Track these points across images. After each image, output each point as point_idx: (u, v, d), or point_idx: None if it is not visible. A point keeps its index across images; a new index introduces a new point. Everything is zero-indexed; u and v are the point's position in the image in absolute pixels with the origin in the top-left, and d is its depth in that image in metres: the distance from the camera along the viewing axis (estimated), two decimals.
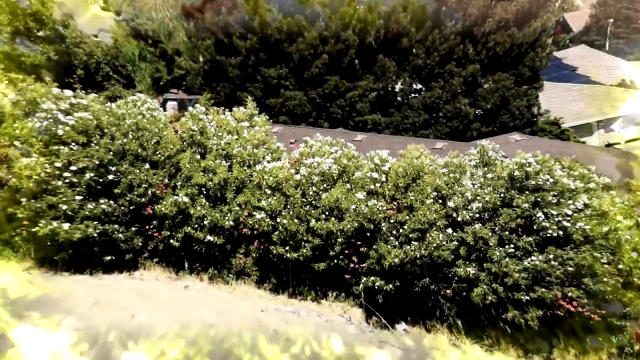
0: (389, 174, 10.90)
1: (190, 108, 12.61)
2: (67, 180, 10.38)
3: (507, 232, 9.85)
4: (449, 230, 10.13)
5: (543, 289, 9.64)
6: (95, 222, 10.54)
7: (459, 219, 10.13)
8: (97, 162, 10.51)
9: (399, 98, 26.36)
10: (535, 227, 9.81)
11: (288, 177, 10.84)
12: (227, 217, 10.92)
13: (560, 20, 47.12)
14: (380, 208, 10.36)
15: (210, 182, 11.07)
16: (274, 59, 25.69)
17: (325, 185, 10.86)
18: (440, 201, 10.37)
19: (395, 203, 10.63)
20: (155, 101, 13.06)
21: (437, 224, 10.06)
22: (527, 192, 9.89)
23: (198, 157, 11.65)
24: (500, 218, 9.89)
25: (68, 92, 11.39)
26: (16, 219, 10.38)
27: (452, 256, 10.03)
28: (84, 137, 10.75)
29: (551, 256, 9.62)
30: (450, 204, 10.24)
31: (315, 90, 25.48)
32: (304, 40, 24.59)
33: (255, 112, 13.05)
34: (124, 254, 11.30)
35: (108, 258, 11.06)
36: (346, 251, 10.68)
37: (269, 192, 10.81)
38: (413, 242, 10.05)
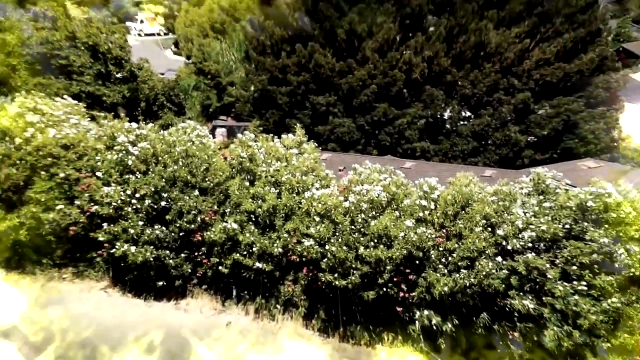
0: (438, 202, 10.64)
1: (239, 135, 12.64)
2: (134, 207, 10.85)
3: (576, 268, 9.06)
4: (499, 259, 9.73)
5: (626, 335, 8.71)
6: (152, 247, 10.87)
7: (509, 247, 9.71)
8: (152, 190, 10.71)
9: (447, 126, 25.83)
10: (617, 265, 8.98)
11: (337, 204, 10.59)
12: (276, 244, 10.80)
13: (621, 50, 45.32)
14: (430, 236, 10.10)
15: (259, 209, 10.93)
16: (324, 89, 25.91)
17: (374, 212, 10.59)
18: (490, 229, 10.05)
19: (445, 231, 10.39)
20: (205, 128, 13.26)
21: (487, 252, 9.63)
22: (606, 226, 9.10)
23: (247, 184, 11.57)
24: (564, 251, 9.18)
25: (134, 125, 11.83)
26: (98, 241, 11.11)
27: (504, 285, 9.59)
28: (145, 165, 11.08)
29: (634, 298, 8.72)
30: (500, 232, 9.88)
31: (364, 118, 25.33)
32: (353, 76, 24.76)
33: (305, 140, 12.94)
34: (175, 280, 11.55)
35: (160, 284, 11.42)
36: (395, 279, 10.36)
37: (317, 219, 10.54)
38: (462, 271, 9.60)
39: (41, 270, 11.55)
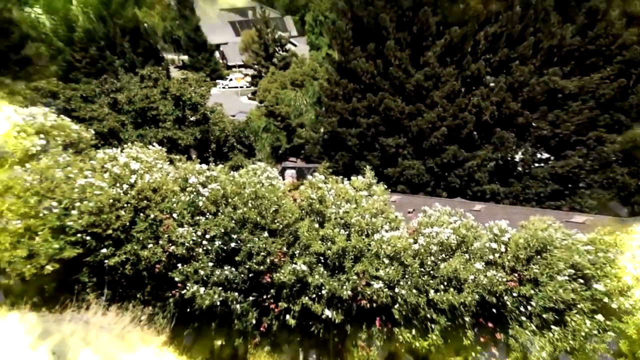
0: (509, 245, 9.91)
1: (309, 176, 12.54)
2: (204, 248, 10.71)
3: None
4: (599, 317, 8.57)
5: None
6: (220, 289, 10.55)
7: (614, 306, 8.57)
8: (222, 231, 10.79)
9: (519, 168, 24.61)
10: None
11: (406, 246, 10.20)
12: (345, 286, 10.24)
13: None
14: (500, 279, 9.32)
15: (328, 251, 10.71)
16: (393, 131, 25.69)
17: (443, 255, 10.10)
18: (582, 281, 8.99)
19: (516, 274, 9.57)
20: (274, 170, 13.20)
21: (579, 306, 8.69)
22: None
23: (316, 225, 11.44)
24: None
25: (204, 166, 12.15)
26: (173, 281, 10.94)
27: (611, 351, 8.42)
28: (215, 207, 11.19)
29: None
30: (599, 286, 8.75)
31: (434, 160, 24.74)
32: (423, 118, 24.59)
33: (374, 181, 12.71)
34: (237, 337, 10.96)
35: (219, 343, 10.98)
36: (481, 338, 9.49)
37: (387, 261, 10.23)
38: (553, 327, 8.71)
39: (133, 305, 11.51)
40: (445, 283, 9.59)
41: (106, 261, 9.42)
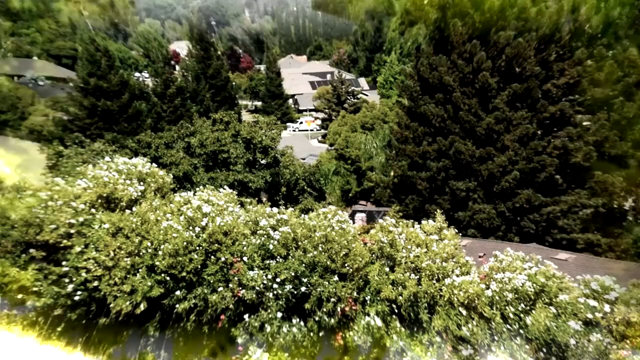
0: (616, 306, 8.51)
1: (379, 220, 12.27)
2: (274, 292, 10.26)
3: None
4: None
5: None
6: (286, 355, 9.70)
7: None
8: (293, 274, 10.57)
9: (629, 217, 22.41)
10: None
11: (478, 292, 9.43)
12: (429, 352, 9.23)
13: None
14: (609, 346, 8.06)
15: (400, 297, 10.16)
16: (463, 174, 24.88)
17: (522, 305, 9.21)
18: None
19: (628, 342, 8.18)
20: (345, 213, 13.03)
21: None
22: None
23: (387, 269, 11.01)
24: None
25: (275, 209, 12.11)
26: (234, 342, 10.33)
27: None
28: (285, 250, 11.06)
29: None
30: None
31: (505, 204, 23.58)
32: (493, 162, 23.65)
33: (444, 225, 12.16)
34: None
35: None
36: None
37: (463, 311, 9.46)
38: None
39: None
40: (545, 350, 8.50)
41: (177, 306, 9.42)
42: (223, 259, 10.37)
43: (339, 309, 10.09)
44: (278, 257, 10.66)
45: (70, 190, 8.23)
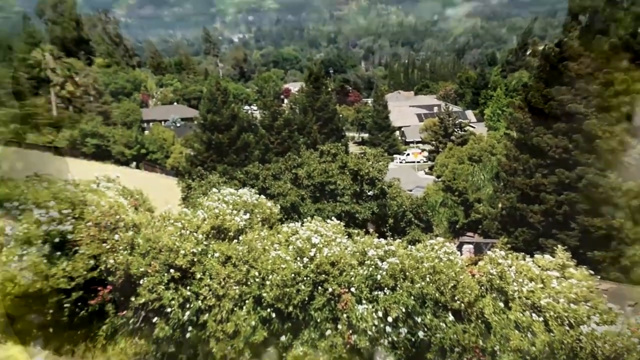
0: None
1: (488, 252, 11.27)
2: (389, 338, 9.27)
3: None
4: None
5: None
6: None
7: None
8: (403, 310, 9.73)
9: None
10: None
11: (629, 346, 7.99)
12: None
13: None
14: None
15: (532, 348, 8.79)
16: (598, 209, 22.12)
17: None
18: None
19: None
20: (452, 244, 12.23)
21: None
22: None
23: (501, 304, 9.80)
24: None
25: (382, 240, 11.67)
26: None
27: None
28: (393, 281, 10.55)
29: None
30: None
31: None
32: None
33: (570, 264, 10.67)
34: None
35: None
36: None
37: None
38: None
39: None
40: None
41: (284, 355, 9.01)
42: (330, 289, 10.02)
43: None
44: (386, 288, 10.14)
45: (194, 220, 8.61)
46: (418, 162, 70.46)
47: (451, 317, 9.60)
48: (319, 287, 9.74)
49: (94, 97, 74.74)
